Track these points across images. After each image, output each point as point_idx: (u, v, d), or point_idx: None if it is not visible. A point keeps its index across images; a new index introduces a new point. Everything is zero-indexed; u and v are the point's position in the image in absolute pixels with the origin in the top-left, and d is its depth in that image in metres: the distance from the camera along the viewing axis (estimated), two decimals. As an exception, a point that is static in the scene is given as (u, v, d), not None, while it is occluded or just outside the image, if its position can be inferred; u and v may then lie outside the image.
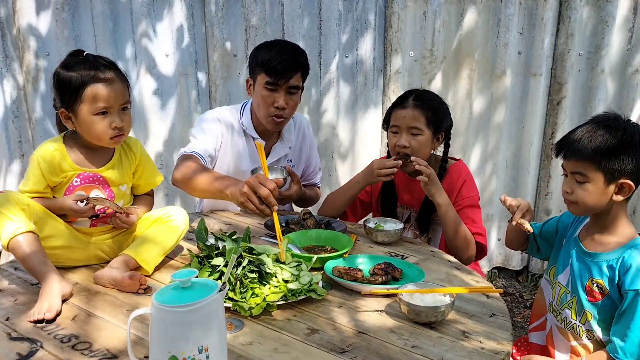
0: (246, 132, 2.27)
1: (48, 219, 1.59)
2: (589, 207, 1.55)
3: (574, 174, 1.53)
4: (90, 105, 1.56)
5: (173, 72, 3.18)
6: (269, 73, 2.09)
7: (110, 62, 1.63)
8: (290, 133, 2.37)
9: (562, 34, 3.20)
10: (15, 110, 3.07)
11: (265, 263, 1.47)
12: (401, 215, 2.24)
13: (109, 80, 1.57)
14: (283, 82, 2.10)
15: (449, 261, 1.79)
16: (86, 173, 1.65)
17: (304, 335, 1.30)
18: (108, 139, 1.61)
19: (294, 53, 2.14)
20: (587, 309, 1.57)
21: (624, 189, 1.50)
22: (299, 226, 1.98)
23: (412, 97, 2.08)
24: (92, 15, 3.00)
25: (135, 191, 1.82)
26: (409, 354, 1.23)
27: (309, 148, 2.48)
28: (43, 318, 1.33)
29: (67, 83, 1.56)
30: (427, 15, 3.17)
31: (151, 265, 1.62)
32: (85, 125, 1.59)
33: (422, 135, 2.06)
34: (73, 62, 1.58)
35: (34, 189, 1.60)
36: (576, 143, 1.51)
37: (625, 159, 1.46)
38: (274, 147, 2.33)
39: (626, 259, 1.49)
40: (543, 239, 1.82)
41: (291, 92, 2.15)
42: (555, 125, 3.34)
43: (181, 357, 1.02)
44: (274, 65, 2.08)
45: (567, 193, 1.56)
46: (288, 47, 2.15)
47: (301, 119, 2.45)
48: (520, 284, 3.62)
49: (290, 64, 2.10)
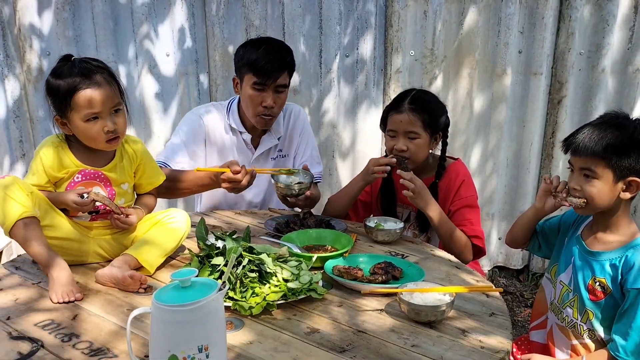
0: (233, 129, 2.30)
1: (49, 209, 1.60)
2: (597, 205, 1.54)
3: (583, 170, 1.53)
4: (80, 112, 1.56)
5: (174, 72, 3.18)
6: (257, 73, 2.10)
7: (98, 65, 1.61)
8: (279, 124, 2.37)
9: (563, 33, 3.20)
10: (17, 110, 3.07)
11: (265, 262, 1.48)
12: (401, 214, 2.24)
13: (96, 86, 1.56)
14: (271, 82, 2.11)
15: (449, 260, 1.79)
16: (88, 170, 1.66)
17: (304, 335, 1.30)
18: (103, 142, 1.62)
19: (280, 52, 2.14)
20: (589, 308, 1.57)
21: (632, 186, 1.50)
22: (300, 225, 1.98)
23: (407, 100, 2.06)
24: (92, 15, 3.00)
25: (137, 190, 1.83)
26: (409, 353, 1.24)
27: (300, 135, 2.45)
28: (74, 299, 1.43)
29: (56, 91, 1.56)
30: (427, 14, 3.17)
31: (153, 265, 1.62)
32: (80, 131, 1.60)
33: (419, 138, 2.05)
34: (61, 69, 1.57)
35: (37, 183, 1.61)
36: (587, 139, 1.51)
37: (635, 156, 1.47)
38: (262, 139, 2.35)
39: (629, 258, 1.49)
40: (545, 237, 1.82)
41: (279, 91, 2.15)
42: (556, 125, 3.33)
43: (181, 356, 1.03)
44: (262, 65, 2.09)
45: (575, 190, 1.56)
46: (275, 46, 2.16)
47: (291, 108, 2.45)
48: (521, 283, 3.62)
49: (278, 63, 2.10)
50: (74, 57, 1.61)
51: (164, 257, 1.68)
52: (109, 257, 1.70)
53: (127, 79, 3.13)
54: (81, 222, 1.68)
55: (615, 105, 3.23)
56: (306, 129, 2.48)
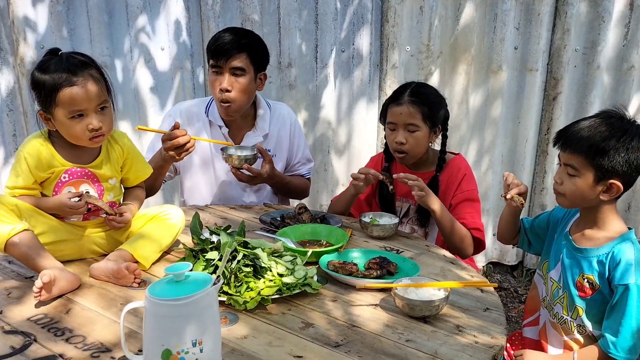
0: (212, 123, 2.31)
1: (38, 216, 1.57)
2: (575, 201, 1.55)
3: (567, 166, 1.54)
4: (64, 109, 1.53)
5: (169, 66, 3.17)
6: (212, 54, 2.12)
7: (85, 61, 1.57)
8: (265, 122, 2.37)
9: (559, 30, 3.20)
10: (10, 104, 3.05)
11: (260, 257, 1.47)
12: (400, 208, 2.24)
13: (82, 83, 1.52)
14: (223, 62, 2.10)
15: (443, 256, 1.79)
16: (74, 168, 1.63)
17: (299, 329, 1.30)
18: (87, 140, 1.59)
19: (237, 34, 2.14)
20: (578, 304, 1.57)
21: (612, 189, 1.49)
22: (294, 220, 1.98)
23: (407, 92, 2.06)
24: (87, 8, 2.97)
25: (125, 184, 1.81)
26: (403, 347, 1.24)
27: (291, 137, 2.45)
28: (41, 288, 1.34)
29: (42, 86, 1.53)
30: (423, 9, 3.17)
31: (148, 261, 1.62)
32: (64, 127, 1.57)
33: (419, 131, 2.05)
34: (48, 64, 1.54)
35: (22, 185, 1.58)
36: (574, 135, 1.51)
37: (618, 159, 1.46)
38: (246, 135, 2.34)
39: (616, 254, 1.49)
40: (534, 233, 1.82)
41: (235, 74, 2.14)
42: (551, 121, 3.34)
43: (175, 350, 1.02)
44: (215, 46, 2.10)
45: (557, 183, 1.57)
46: (233, 30, 2.17)
47: (281, 108, 2.45)
48: (515, 279, 3.63)
49: (231, 43, 2.10)
50: (61, 52, 1.58)
51: (159, 252, 1.67)
52: (104, 252, 1.69)
53: (122, 72, 3.11)
54: (74, 223, 1.66)
55: (610, 102, 3.24)
56: (297, 129, 2.48)
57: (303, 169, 2.53)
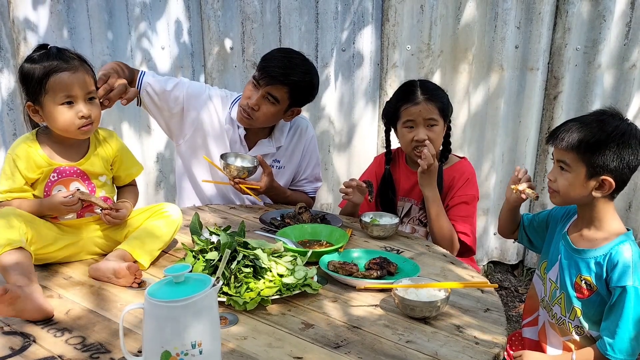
0: (232, 120, 2.25)
1: (36, 222, 1.56)
2: (568, 198, 1.56)
3: (559, 162, 1.54)
4: (54, 95, 1.54)
5: (169, 65, 3.16)
6: (259, 70, 2.10)
7: (76, 54, 1.61)
8: (282, 134, 2.33)
9: (560, 28, 3.20)
10: (10, 103, 3.05)
11: (260, 257, 1.47)
12: (401, 208, 2.24)
13: (72, 69, 1.55)
14: (264, 84, 2.08)
15: (444, 256, 1.79)
16: (62, 167, 1.63)
17: (299, 330, 1.30)
18: (76, 129, 1.58)
19: (289, 66, 2.09)
20: (576, 305, 1.57)
21: (604, 185, 1.49)
22: (295, 220, 1.98)
23: (419, 91, 2.08)
24: (87, 7, 2.97)
25: (117, 183, 1.80)
26: (404, 348, 1.23)
27: (304, 152, 2.41)
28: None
29: (31, 75, 1.54)
30: (424, 8, 3.16)
31: (147, 260, 1.61)
32: (52, 116, 1.56)
33: (437, 125, 2.08)
34: (37, 56, 1.56)
35: (13, 188, 1.58)
36: (566, 132, 1.52)
37: (609, 155, 1.46)
38: (260, 142, 2.30)
39: (613, 256, 1.49)
40: (534, 231, 1.82)
41: (267, 99, 2.10)
42: (552, 120, 3.33)
43: (174, 352, 1.02)
44: (263, 68, 2.09)
45: (550, 181, 1.58)
46: (288, 59, 2.12)
47: (300, 121, 2.39)
48: (516, 278, 3.63)
49: (278, 73, 2.06)
50: (50, 46, 1.60)
51: (158, 251, 1.67)
52: (103, 252, 1.69)
53: (122, 72, 3.11)
54: (70, 223, 1.65)
55: (612, 101, 3.23)
56: (312, 146, 2.44)
57: (308, 186, 2.49)
